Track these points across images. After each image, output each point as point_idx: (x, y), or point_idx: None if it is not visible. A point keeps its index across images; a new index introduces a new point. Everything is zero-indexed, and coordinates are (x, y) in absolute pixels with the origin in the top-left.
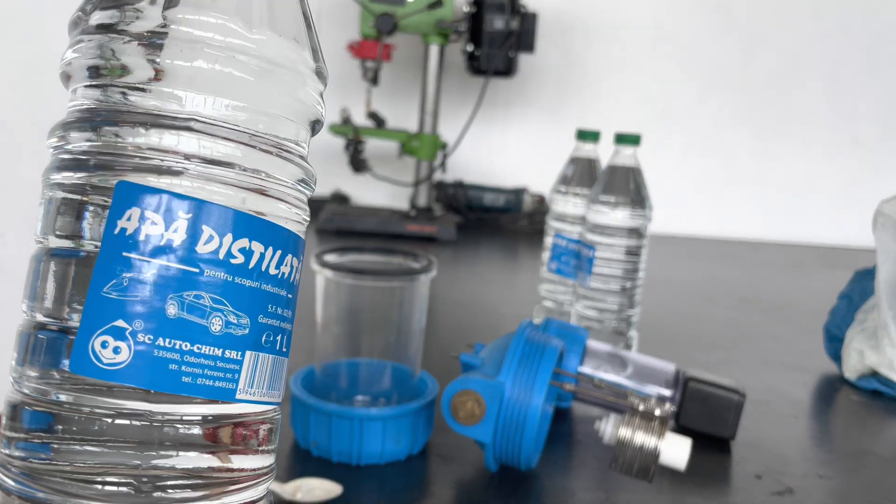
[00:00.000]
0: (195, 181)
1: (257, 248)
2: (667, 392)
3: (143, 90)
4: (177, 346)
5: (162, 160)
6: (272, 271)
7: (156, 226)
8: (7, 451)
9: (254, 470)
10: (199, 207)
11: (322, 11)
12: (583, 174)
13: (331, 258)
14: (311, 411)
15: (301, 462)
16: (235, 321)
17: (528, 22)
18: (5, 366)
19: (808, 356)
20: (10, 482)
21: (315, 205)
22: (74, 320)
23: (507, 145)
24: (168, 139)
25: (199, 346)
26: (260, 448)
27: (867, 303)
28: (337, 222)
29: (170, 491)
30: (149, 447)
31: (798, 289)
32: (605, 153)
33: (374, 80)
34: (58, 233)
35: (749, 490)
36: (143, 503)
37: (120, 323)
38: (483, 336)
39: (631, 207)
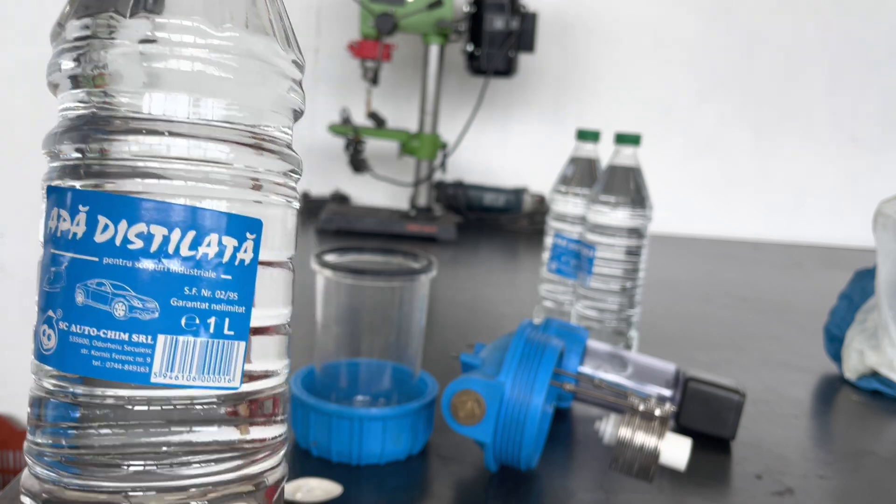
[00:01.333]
0: (176, 181)
1: (158, 230)
2: (667, 392)
3: (128, 94)
4: (85, 332)
5: (144, 165)
6: (185, 253)
7: (65, 221)
8: (35, 440)
9: (264, 440)
10: (95, 199)
11: (322, 11)
12: (583, 174)
13: (331, 258)
14: (311, 411)
15: (301, 462)
16: (140, 305)
17: (528, 22)
18: (5, 364)
19: (808, 356)
20: (41, 470)
21: (315, 205)
22: None
23: (507, 145)
24: (150, 143)
25: (105, 332)
26: (266, 420)
27: (867, 303)
28: (337, 222)
29: (192, 466)
30: (159, 427)
31: (798, 289)
32: (605, 153)
33: (374, 80)
34: None
35: (749, 490)
36: (165, 480)
37: (50, 313)
38: (483, 336)
39: (631, 207)
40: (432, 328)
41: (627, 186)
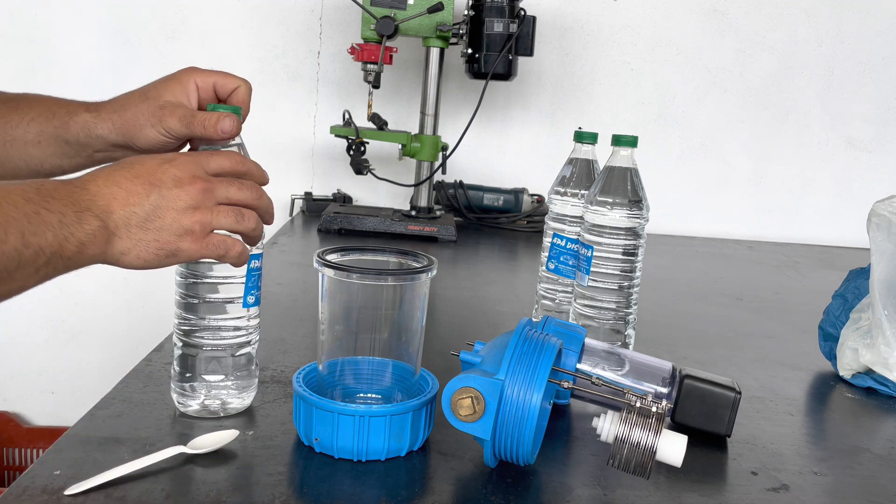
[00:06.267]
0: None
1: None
2: (663, 389)
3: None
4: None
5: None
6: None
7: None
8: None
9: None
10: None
11: (324, 15)
12: (581, 175)
13: (333, 258)
14: (314, 408)
15: (303, 458)
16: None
17: (527, 25)
18: (10, 364)
19: (803, 354)
20: None
21: (318, 205)
22: None
23: (506, 147)
24: None
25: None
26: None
27: (861, 302)
28: (339, 222)
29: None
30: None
31: (793, 288)
32: (602, 154)
33: (376, 83)
34: None
35: (745, 486)
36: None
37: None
38: (483, 334)
39: (628, 208)
40: (432, 326)
41: (624, 187)
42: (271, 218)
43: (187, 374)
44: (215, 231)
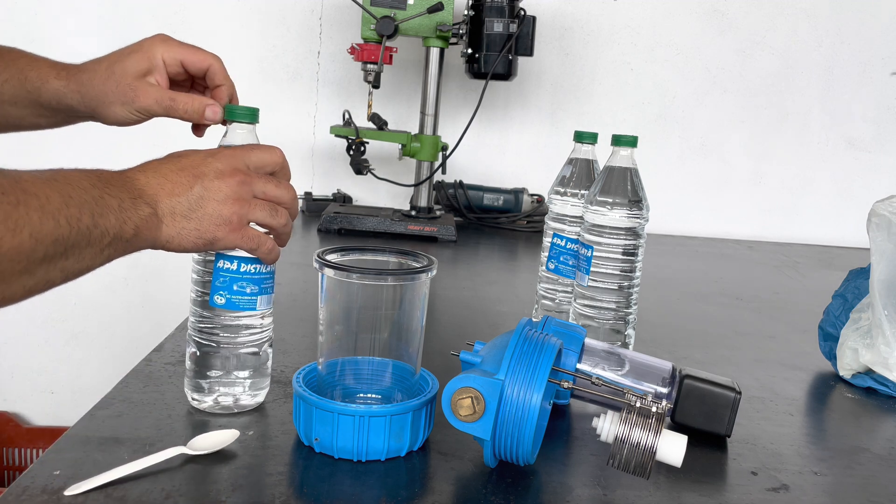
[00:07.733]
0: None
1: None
2: (663, 389)
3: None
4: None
5: None
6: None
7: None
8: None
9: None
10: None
11: (324, 15)
12: (581, 175)
13: (333, 258)
14: (314, 408)
15: (303, 458)
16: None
17: (527, 25)
18: (10, 364)
19: (803, 354)
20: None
21: (317, 205)
22: None
23: (506, 146)
24: None
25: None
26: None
27: (861, 302)
28: (339, 222)
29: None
30: None
31: (793, 288)
32: (602, 154)
33: (376, 83)
34: None
35: (745, 486)
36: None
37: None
38: (482, 334)
39: (628, 208)
40: (432, 326)
41: (624, 187)
42: (295, 217)
43: (202, 371)
44: (252, 225)
